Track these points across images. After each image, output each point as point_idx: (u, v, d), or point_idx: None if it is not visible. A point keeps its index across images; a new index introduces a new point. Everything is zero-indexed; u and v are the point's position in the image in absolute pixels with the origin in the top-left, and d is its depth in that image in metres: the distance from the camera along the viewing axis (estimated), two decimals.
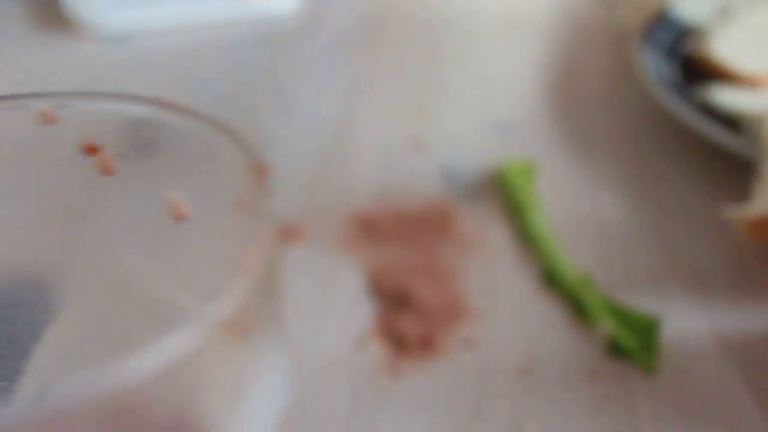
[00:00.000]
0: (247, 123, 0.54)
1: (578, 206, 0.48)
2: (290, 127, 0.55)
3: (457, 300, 0.42)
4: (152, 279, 0.20)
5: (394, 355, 0.39)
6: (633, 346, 0.38)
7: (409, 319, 0.40)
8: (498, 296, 0.42)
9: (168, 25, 0.68)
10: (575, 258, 0.44)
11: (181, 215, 0.19)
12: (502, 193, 0.48)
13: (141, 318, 0.19)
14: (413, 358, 0.39)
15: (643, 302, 0.41)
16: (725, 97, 0.51)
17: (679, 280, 0.43)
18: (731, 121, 0.49)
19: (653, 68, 0.53)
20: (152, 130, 0.19)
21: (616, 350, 0.39)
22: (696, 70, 0.55)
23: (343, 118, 0.57)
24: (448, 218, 0.47)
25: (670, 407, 0.37)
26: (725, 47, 0.55)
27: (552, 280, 0.43)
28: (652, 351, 0.38)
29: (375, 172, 0.51)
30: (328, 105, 0.58)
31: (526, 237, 0.45)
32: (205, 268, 0.19)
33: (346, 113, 0.57)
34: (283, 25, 0.69)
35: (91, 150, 0.19)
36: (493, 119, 0.56)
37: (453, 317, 0.41)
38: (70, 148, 0.19)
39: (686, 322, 0.41)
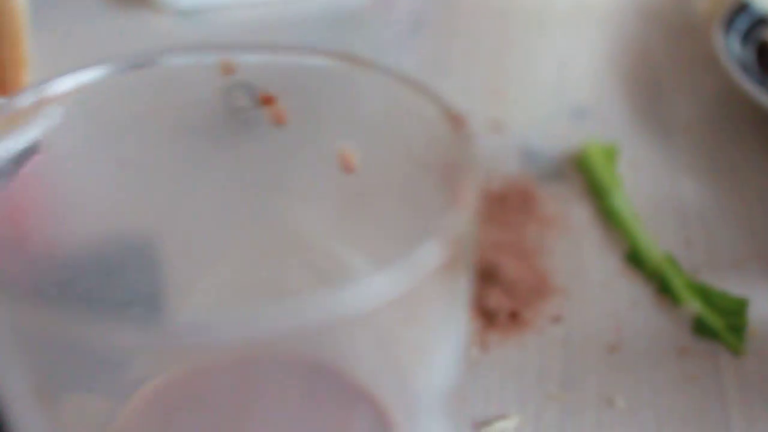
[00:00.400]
0: None
1: (658, 190, 0.48)
2: None
3: (543, 277, 0.42)
4: (320, 228, 0.21)
5: (482, 328, 0.40)
6: (720, 326, 0.39)
7: (495, 294, 0.41)
8: (583, 274, 0.43)
9: (238, 0, 0.69)
10: (657, 240, 0.44)
11: (350, 166, 0.20)
12: (583, 175, 0.49)
13: (306, 267, 0.20)
14: (501, 331, 0.40)
15: (727, 285, 0.42)
16: None
17: (763, 264, 0.43)
18: None
19: (734, 55, 0.53)
20: (329, 82, 0.19)
21: (702, 329, 0.39)
22: None
23: None
24: (530, 198, 0.48)
25: (757, 387, 0.37)
26: None
27: (636, 259, 0.43)
28: (741, 332, 0.39)
29: None
30: None
31: (608, 217, 0.46)
32: (381, 218, 0.19)
33: None
34: (355, 3, 0.69)
35: (267, 100, 0.19)
36: (569, 103, 0.56)
37: (539, 294, 0.42)
38: (246, 98, 0.20)
39: None
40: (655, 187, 0.49)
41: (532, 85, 0.59)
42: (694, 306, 0.40)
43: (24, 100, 0.19)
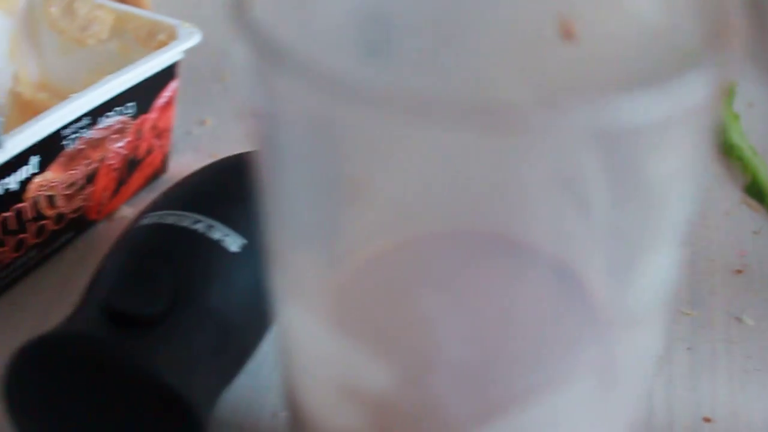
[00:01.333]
0: None
1: None
2: None
3: None
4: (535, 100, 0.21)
5: None
6: None
7: None
8: (704, 203, 0.44)
9: None
10: None
11: (570, 34, 0.21)
12: None
13: None
14: None
15: None
16: None
17: None
18: None
19: None
20: None
21: None
22: None
23: None
24: None
25: None
26: None
27: (756, 191, 0.44)
28: None
29: None
30: None
31: (726, 152, 0.46)
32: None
33: None
34: None
35: None
36: None
37: None
38: None
39: None
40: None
41: None
42: None
43: None
